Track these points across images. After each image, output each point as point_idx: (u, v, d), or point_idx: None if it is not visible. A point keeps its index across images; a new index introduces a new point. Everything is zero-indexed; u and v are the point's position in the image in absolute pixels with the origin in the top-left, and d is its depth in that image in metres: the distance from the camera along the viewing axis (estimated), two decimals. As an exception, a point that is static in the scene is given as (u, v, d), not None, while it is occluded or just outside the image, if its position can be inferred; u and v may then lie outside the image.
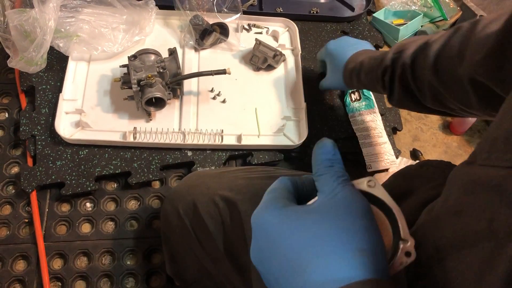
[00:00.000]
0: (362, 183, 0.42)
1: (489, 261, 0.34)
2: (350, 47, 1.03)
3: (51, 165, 1.04)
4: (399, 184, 0.73)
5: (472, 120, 1.27)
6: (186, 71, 1.18)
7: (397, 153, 1.20)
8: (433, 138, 1.31)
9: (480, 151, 0.44)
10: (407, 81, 0.79)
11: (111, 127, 1.08)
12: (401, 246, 0.39)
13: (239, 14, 1.26)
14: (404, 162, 1.21)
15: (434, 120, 1.34)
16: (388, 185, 0.75)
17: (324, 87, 1.16)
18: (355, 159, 1.17)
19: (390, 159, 1.16)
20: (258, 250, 0.39)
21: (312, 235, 0.36)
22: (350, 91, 1.22)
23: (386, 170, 1.16)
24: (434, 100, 0.76)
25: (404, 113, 1.33)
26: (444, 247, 0.40)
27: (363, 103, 1.21)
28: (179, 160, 1.09)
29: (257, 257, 0.40)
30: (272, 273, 0.37)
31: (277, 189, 0.42)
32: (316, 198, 0.42)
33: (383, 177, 1.14)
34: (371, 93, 1.22)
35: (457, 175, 0.46)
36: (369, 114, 1.20)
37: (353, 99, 1.22)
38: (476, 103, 0.66)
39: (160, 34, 1.27)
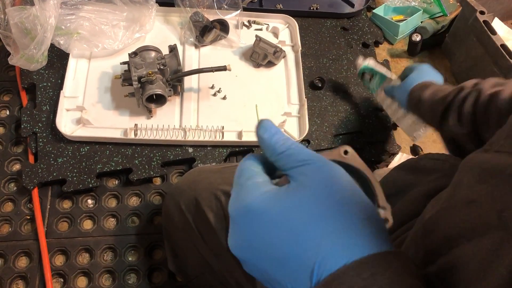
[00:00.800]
0: (336, 152, 0.40)
1: (497, 251, 0.34)
2: (430, 73, 0.99)
3: (52, 162, 1.04)
4: (402, 176, 0.73)
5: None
6: (187, 68, 1.19)
7: (397, 148, 1.20)
8: (433, 134, 1.31)
9: (497, 139, 0.43)
10: (478, 107, 0.75)
11: (112, 124, 1.09)
12: (381, 213, 0.38)
13: (239, 11, 1.26)
14: (404, 158, 1.21)
15: (434, 115, 1.34)
16: (390, 178, 0.75)
17: (387, 90, 1.07)
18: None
19: (422, 125, 1.09)
20: (244, 240, 0.36)
21: (313, 213, 0.34)
22: (362, 71, 1.18)
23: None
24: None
25: (404, 109, 1.33)
26: (454, 236, 0.40)
27: (377, 77, 1.15)
28: (180, 156, 1.09)
29: (243, 248, 0.36)
30: (273, 259, 0.34)
31: (249, 170, 0.39)
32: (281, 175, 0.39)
33: (385, 171, 1.15)
34: (379, 67, 1.16)
35: (470, 162, 0.45)
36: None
37: (369, 79, 1.17)
38: None
39: (161, 31, 1.27)
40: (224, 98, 1.17)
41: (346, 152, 0.40)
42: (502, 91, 0.70)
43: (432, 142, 1.29)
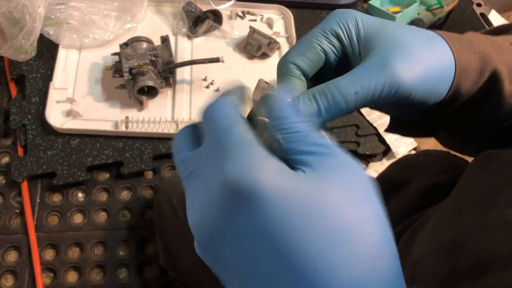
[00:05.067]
0: (260, 88, 0.32)
1: None
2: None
3: (42, 155, 1.03)
4: (398, 172, 0.72)
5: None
6: (179, 59, 1.16)
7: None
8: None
9: None
10: None
11: (102, 116, 1.07)
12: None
13: (233, 1, 1.24)
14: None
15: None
16: (386, 174, 0.74)
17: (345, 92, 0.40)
18: (352, 149, 1.16)
19: (409, 141, 1.16)
20: (231, 234, 0.25)
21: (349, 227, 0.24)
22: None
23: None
24: None
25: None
26: (488, 263, 0.34)
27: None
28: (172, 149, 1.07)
29: (218, 245, 0.26)
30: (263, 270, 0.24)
31: (229, 118, 0.27)
32: None
33: (381, 167, 1.14)
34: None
35: (507, 173, 0.38)
36: None
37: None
38: None
39: (153, 21, 1.25)
40: (217, 90, 1.15)
41: (267, 84, 0.34)
42: None
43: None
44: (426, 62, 0.36)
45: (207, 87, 1.15)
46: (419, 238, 0.50)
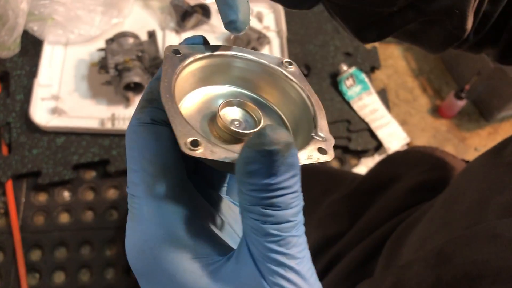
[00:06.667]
0: (278, 61, 0.32)
1: None
2: None
3: (27, 153, 1.01)
4: (386, 170, 0.70)
5: (461, 103, 1.24)
6: (167, 55, 1.14)
7: (385, 137, 1.18)
8: (422, 122, 1.28)
9: None
10: None
11: (88, 113, 1.05)
12: (319, 141, 0.28)
13: (221, -5, 1.22)
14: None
15: (423, 103, 1.31)
16: (374, 171, 0.72)
17: None
18: (343, 145, 1.15)
19: (402, 136, 1.17)
20: None
21: None
22: (345, 77, 1.19)
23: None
24: None
25: (392, 96, 1.30)
26: (475, 276, 0.34)
27: (359, 86, 1.19)
28: (160, 147, 1.05)
29: None
30: None
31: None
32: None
33: (372, 162, 1.12)
34: (363, 75, 1.20)
35: (495, 181, 0.37)
36: (367, 96, 1.19)
37: (348, 86, 1.19)
38: None
39: (140, 16, 1.22)
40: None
41: (290, 63, 0.32)
42: None
43: (420, 131, 1.26)
44: None
45: (196, 83, 1.13)
46: (408, 241, 0.49)
